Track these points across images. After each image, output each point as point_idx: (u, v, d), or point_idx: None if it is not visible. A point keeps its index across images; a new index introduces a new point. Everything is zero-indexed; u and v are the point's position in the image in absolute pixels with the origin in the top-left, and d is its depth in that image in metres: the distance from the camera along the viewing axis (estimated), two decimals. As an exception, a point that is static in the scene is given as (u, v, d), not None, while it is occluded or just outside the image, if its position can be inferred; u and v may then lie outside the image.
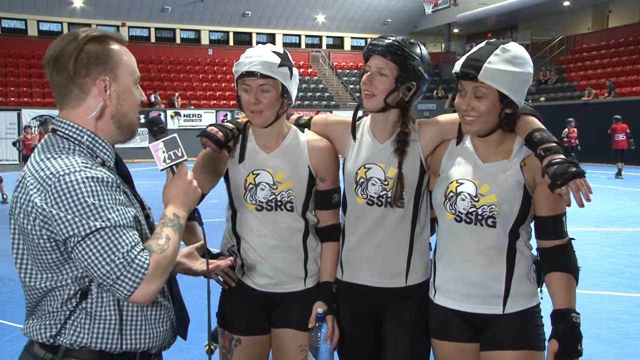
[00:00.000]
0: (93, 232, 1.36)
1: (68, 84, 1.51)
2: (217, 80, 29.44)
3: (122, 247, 1.37)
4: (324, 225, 2.21)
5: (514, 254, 1.94)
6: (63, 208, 1.36)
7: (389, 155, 2.11)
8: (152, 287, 1.39)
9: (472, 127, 1.93)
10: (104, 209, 1.38)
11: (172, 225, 1.51)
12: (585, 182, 1.72)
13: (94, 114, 1.52)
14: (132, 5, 28.60)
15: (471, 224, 1.94)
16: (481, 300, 1.95)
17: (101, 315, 1.47)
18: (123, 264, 1.36)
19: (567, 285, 1.87)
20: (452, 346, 2.00)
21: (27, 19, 27.81)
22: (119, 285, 1.36)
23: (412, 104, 2.12)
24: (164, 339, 1.60)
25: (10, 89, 24.46)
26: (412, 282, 2.12)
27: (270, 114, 2.09)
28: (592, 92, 22.59)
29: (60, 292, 1.45)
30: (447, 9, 30.69)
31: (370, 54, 2.08)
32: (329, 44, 34.04)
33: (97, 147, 1.53)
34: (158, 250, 1.43)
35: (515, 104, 1.90)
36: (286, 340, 2.16)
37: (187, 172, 1.62)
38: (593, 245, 7.65)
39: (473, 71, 1.87)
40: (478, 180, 1.96)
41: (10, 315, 4.82)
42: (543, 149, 1.83)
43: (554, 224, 1.91)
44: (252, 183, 2.13)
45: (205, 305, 1.78)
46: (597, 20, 28.60)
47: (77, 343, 1.46)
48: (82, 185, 1.38)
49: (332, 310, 2.12)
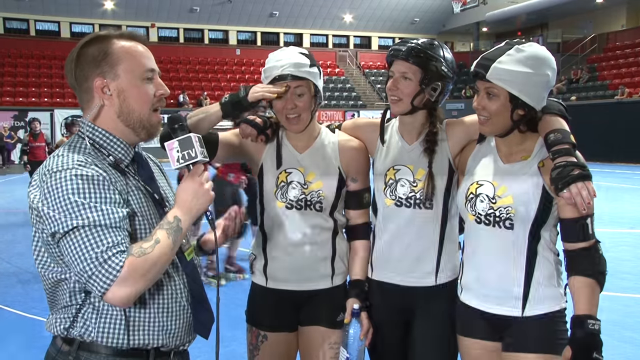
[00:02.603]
0: (72, 229, 1.37)
1: (77, 88, 1.56)
2: (245, 80, 29.62)
3: (97, 246, 1.36)
4: (354, 224, 2.22)
5: (534, 256, 1.91)
6: (47, 204, 1.40)
7: (418, 157, 2.11)
8: (126, 290, 1.36)
9: (484, 128, 1.94)
10: (85, 207, 1.38)
11: (168, 229, 1.47)
12: (587, 185, 1.70)
13: (90, 114, 1.54)
14: (161, 6, 28.99)
15: (490, 226, 1.93)
16: (500, 302, 1.93)
17: (107, 311, 1.48)
18: (95, 263, 1.35)
19: (587, 290, 1.82)
20: (476, 344, 2.00)
21: (60, 21, 28.42)
22: (91, 283, 1.36)
23: (439, 103, 2.12)
24: (178, 337, 1.58)
25: (43, 90, 25.04)
26: (441, 280, 2.12)
27: (306, 117, 2.11)
28: (626, 90, 22.09)
29: (67, 285, 1.48)
30: (476, 7, 30.31)
31: (392, 60, 2.09)
32: (357, 44, 33.96)
33: (109, 145, 1.54)
34: (137, 253, 1.39)
35: (529, 106, 1.86)
36: (316, 338, 2.17)
37: (201, 173, 1.56)
38: (627, 247, 7.49)
39: (482, 70, 1.86)
40: (497, 181, 1.95)
41: (44, 312, 4.91)
42: (553, 152, 1.81)
43: (578, 226, 1.86)
44: (284, 181, 2.14)
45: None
46: (631, 16, 27.89)
47: (86, 337, 1.48)
48: (68, 182, 1.40)
49: (365, 307, 2.13)
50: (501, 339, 1.96)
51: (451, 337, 2.08)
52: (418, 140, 2.13)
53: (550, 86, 1.90)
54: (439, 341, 2.11)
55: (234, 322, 2.68)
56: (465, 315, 2.03)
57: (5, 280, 6.14)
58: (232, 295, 1.69)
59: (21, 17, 27.89)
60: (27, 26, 28.23)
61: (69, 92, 24.50)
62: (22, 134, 22.76)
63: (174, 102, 21.85)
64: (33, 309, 5.03)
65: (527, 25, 31.65)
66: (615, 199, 6.89)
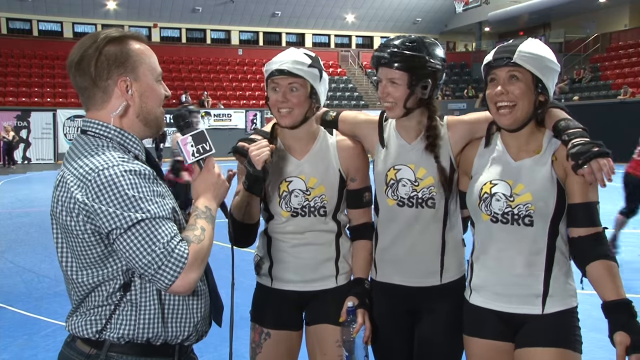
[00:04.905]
0: (134, 224, 1.39)
1: (91, 87, 1.53)
2: (247, 80, 29.65)
3: (162, 237, 1.40)
4: (356, 224, 2.22)
5: (553, 252, 1.91)
6: (104, 201, 1.39)
7: (419, 156, 2.10)
8: (192, 276, 1.42)
9: (507, 118, 1.89)
10: (143, 200, 1.41)
11: (205, 217, 1.54)
12: (608, 162, 1.71)
13: (117, 111, 1.54)
14: (163, 6, 29.01)
15: (508, 224, 1.92)
16: (520, 300, 1.92)
17: (145, 305, 1.50)
18: (164, 253, 1.39)
19: (612, 272, 1.83)
20: (485, 344, 1.98)
21: (63, 22, 28.47)
22: (160, 275, 1.39)
23: (433, 98, 2.10)
24: (202, 326, 1.63)
25: (46, 90, 25.08)
26: (447, 279, 2.12)
27: (298, 113, 2.08)
28: (629, 90, 22.04)
29: (107, 287, 1.48)
30: (478, 7, 30.29)
31: (377, 66, 2.08)
32: (359, 44, 33.94)
33: (127, 143, 1.56)
34: (196, 240, 1.46)
35: (548, 93, 1.89)
36: (326, 336, 2.17)
37: (215, 165, 1.63)
38: (630, 248, 7.46)
39: (508, 54, 1.88)
40: (512, 179, 1.94)
41: (46, 311, 4.92)
42: (567, 134, 1.83)
43: (589, 210, 1.87)
44: (285, 190, 2.14)
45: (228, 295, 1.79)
46: (634, 16, 27.82)
47: (123, 337, 1.49)
48: (121, 178, 1.41)
49: (364, 304, 2.12)
50: (512, 339, 1.95)
51: (457, 337, 2.07)
52: (418, 138, 2.12)
53: (557, 77, 1.95)
54: (445, 342, 2.11)
55: (237, 322, 2.68)
56: (475, 316, 2.01)
57: (8, 279, 6.15)
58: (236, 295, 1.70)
59: (24, 17, 27.94)
60: (30, 26, 28.28)
61: (72, 92, 24.52)
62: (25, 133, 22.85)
63: (176, 102, 21.85)
64: (36, 309, 5.03)
65: (529, 25, 31.59)
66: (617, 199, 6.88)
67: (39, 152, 22.99)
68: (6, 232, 8.96)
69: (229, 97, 27.94)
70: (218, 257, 2.30)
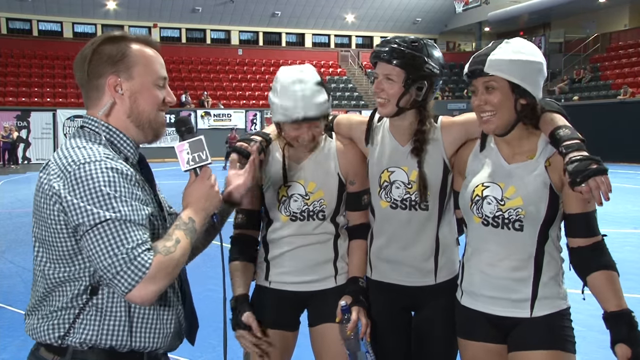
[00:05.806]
0: (102, 222, 1.35)
1: (87, 85, 1.54)
2: (247, 80, 29.66)
3: (127, 242, 1.34)
4: (353, 224, 2.23)
5: (542, 257, 1.90)
6: (78, 195, 1.37)
7: (412, 158, 2.09)
8: (151, 288, 1.35)
9: (489, 125, 1.89)
10: (117, 200, 1.37)
11: (185, 229, 1.47)
12: (605, 179, 1.68)
13: (102, 111, 1.53)
14: (163, 7, 29.03)
15: (498, 228, 1.91)
16: (508, 304, 1.92)
17: (112, 312, 1.45)
18: (125, 259, 1.33)
19: (613, 283, 1.82)
20: (478, 346, 1.98)
21: (63, 22, 28.49)
22: (117, 280, 1.33)
23: (427, 102, 2.09)
24: (171, 340, 1.58)
25: (46, 90, 25.09)
26: (441, 279, 2.13)
27: (319, 140, 2.14)
28: (629, 90, 22.04)
29: (71, 287, 1.44)
30: (478, 7, 30.30)
31: (375, 61, 2.08)
32: (358, 44, 33.94)
33: (119, 142, 1.54)
34: (164, 251, 1.39)
35: (530, 94, 1.86)
36: (329, 335, 2.16)
37: (211, 176, 1.58)
38: (631, 248, 7.47)
39: (479, 66, 1.85)
40: (503, 182, 1.92)
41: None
42: (565, 146, 1.79)
43: (587, 221, 1.86)
44: (285, 195, 2.14)
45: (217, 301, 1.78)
46: (634, 16, 27.83)
47: (85, 342, 1.44)
48: (100, 174, 1.38)
49: (359, 302, 2.11)
50: (504, 341, 1.95)
51: (453, 335, 2.08)
52: (411, 141, 2.11)
53: (544, 75, 1.89)
54: (442, 339, 2.12)
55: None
56: (466, 318, 2.01)
57: (8, 279, 6.15)
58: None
59: (24, 18, 27.96)
60: (30, 26, 28.30)
61: (72, 92, 24.56)
62: (25, 133, 22.86)
63: (176, 102, 21.87)
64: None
65: (529, 25, 31.60)
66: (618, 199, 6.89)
67: (39, 152, 23.00)
68: (6, 232, 8.97)
69: (228, 97, 27.95)
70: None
